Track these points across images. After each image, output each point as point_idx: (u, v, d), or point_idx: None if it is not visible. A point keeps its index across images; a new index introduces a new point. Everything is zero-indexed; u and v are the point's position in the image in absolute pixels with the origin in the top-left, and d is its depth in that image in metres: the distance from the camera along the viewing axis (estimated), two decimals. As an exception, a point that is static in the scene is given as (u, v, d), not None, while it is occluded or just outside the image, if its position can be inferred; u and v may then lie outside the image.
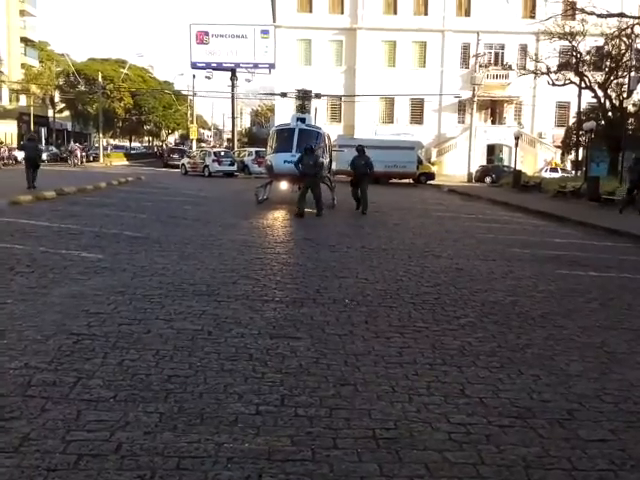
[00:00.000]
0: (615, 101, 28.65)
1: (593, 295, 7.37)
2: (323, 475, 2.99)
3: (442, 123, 48.67)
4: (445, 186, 32.52)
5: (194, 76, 51.55)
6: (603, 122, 29.28)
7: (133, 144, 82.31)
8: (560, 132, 44.09)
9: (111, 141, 73.36)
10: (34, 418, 3.43)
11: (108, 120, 59.94)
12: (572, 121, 40.08)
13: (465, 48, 47.44)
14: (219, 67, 48.42)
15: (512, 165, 37.16)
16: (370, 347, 4.94)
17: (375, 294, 6.82)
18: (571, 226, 15.76)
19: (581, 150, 32.82)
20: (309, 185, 15.11)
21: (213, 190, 23.43)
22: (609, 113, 29.12)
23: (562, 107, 47.53)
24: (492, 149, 47.13)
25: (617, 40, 28.07)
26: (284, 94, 30.57)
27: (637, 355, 5.10)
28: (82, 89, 59.35)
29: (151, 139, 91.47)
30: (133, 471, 2.93)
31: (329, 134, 20.73)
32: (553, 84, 31.51)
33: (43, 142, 51.73)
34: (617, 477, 3.12)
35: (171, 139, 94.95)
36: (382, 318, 5.83)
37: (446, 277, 8.03)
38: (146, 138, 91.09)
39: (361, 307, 6.22)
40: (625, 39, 27.66)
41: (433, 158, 45.24)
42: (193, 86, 53.50)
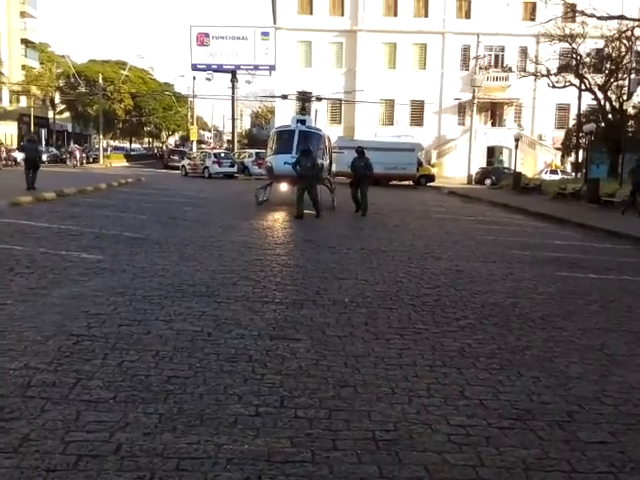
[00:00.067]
0: (615, 103, 28.70)
1: (593, 297, 7.37)
2: (323, 477, 2.99)
3: (442, 125, 48.72)
4: (445, 188, 32.48)
5: (194, 78, 51.59)
6: (603, 124, 29.29)
7: (133, 145, 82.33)
8: (560, 134, 44.10)
9: (111, 142, 73.30)
10: (34, 419, 3.43)
11: (108, 121, 59.96)
12: (572, 123, 40.08)
13: (465, 50, 47.45)
14: (219, 69, 48.39)
15: (512, 167, 37.16)
16: (370, 349, 4.94)
17: (375, 296, 6.82)
18: (571, 228, 15.76)
19: (581, 152, 32.82)
20: (305, 187, 14.92)
21: (213, 191, 23.43)
22: (609, 115, 29.18)
23: (562, 109, 47.60)
24: (492, 151, 47.13)
25: (617, 42, 28.12)
26: (285, 96, 30.59)
27: (637, 357, 5.10)
28: (82, 90, 59.30)
29: (151, 140, 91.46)
30: (133, 472, 2.93)
31: (329, 136, 20.73)
32: (553, 86, 31.55)
33: (43, 143, 51.68)
34: (617, 479, 3.11)
35: (171, 140, 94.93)
36: (382, 320, 5.83)
37: (446, 279, 8.03)
38: (146, 139, 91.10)
39: (361, 309, 6.21)
40: (625, 41, 27.74)
41: (433, 160, 45.26)
42: (193, 88, 53.62)
